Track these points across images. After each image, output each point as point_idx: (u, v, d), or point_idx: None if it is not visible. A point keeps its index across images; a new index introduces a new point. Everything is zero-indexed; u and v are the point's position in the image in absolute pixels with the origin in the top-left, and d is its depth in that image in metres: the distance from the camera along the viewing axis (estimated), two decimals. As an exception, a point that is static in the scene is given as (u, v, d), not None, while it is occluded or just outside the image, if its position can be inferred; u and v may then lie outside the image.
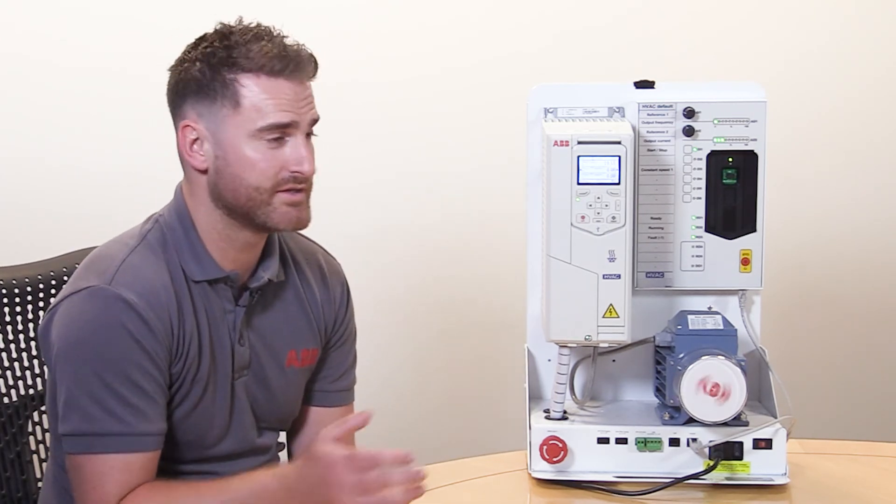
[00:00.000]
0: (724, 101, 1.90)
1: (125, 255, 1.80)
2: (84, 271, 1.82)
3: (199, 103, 1.79)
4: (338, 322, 2.00)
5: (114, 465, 1.75)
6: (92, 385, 1.75)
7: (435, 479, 1.87)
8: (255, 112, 1.77)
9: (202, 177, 1.81)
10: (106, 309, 1.76)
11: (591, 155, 1.79)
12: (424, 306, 3.04)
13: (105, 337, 1.75)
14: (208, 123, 1.79)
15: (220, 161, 1.79)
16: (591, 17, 2.99)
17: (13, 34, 2.91)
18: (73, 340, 1.76)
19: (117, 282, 1.76)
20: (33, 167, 2.93)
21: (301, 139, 1.80)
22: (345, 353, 2.04)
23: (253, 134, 1.78)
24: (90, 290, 1.77)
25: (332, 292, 1.99)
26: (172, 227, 1.84)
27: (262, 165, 1.78)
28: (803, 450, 1.96)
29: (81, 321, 1.76)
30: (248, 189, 1.79)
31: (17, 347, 2.07)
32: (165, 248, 1.82)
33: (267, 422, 1.95)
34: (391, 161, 3.00)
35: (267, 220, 1.81)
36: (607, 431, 1.86)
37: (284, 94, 1.78)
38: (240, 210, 1.80)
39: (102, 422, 1.74)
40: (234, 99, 1.77)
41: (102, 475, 1.75)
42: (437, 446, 2.98)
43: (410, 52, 2.98)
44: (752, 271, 1.92)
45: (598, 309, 1.80)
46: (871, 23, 3.01)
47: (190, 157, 1.81)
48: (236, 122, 1.78)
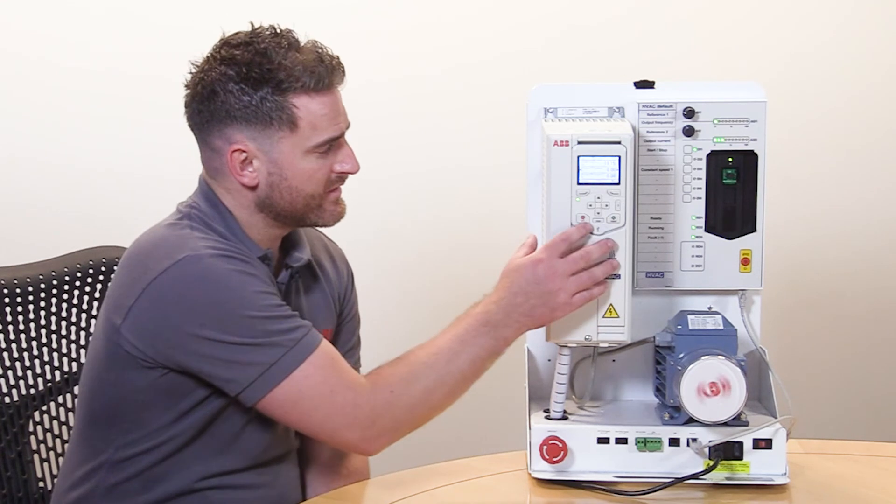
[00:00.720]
0: (724, 101, 1.90)
1: (183, 232, 1.82)
2: (148, 260, 1.80)
3: (251, 128, 1.82)
4: (345, 298, 2.06)
5: (317, 361, 1.77)
6: (249, 322, 1.75)
7: (435, 479, 1.87)
8: (311, 130, 1.83)
9: (250, 192, 1.85)
10: (212, 267, 1.77)
11: (591, 155, 1.79)
12: (424, 306, 3.04)
13: (231, 285, 1.76)
14: (261, 145, 1.83)
15: (274, 177, 1.84)
16: (591, 17, 2.99)
17: (12, 34, 2.91)
18: (203, 303, 1.76)
19: (200, 248, 1.78)
20: (33, 167, 2.93)
21: (344, 141, 1.89)
22: (351, 330, 2.08)
23: (309, 150, 1.84)
24: (183, 261, 1.77)
25: (340, 270, 2.06)
26: (208, 212, 1.86)
27: (318, 176, 1.85)
28: (803, 450, 1.96)
29: (193, 284, 1.76)
30: (305, 198, 1.85)
31: (19, 347, 2.08)
32: (209, 228, 1.85)
33: None
34: (391, 161, 3.00)
35: (318, 220, 1.89)
36: (607, 431, 1.85)
37: (332, 108, 1.85)
38: (294, 216, 1.87)
39: (283, 340, 1.75)
40: (291, 122, 1.82)
41: (327, 370, 1.77)
42: (437, 446, 2.98)
43: (410, 52, 2.98)
44: (752, 271, 1.92)
45: (598, 309, 1.80)
46: (871, 23, 3.01)
47: (240, 177, 1.84)
48: (293, 141, 1.83)
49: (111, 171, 2.93)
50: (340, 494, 1.94)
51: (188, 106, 1.87)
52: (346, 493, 1.95)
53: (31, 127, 2.93)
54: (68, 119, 2.92)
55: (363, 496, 1.94)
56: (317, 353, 1.77)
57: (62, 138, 2.93)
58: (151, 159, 2.88)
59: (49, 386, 2.11)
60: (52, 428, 2.12)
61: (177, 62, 1.95)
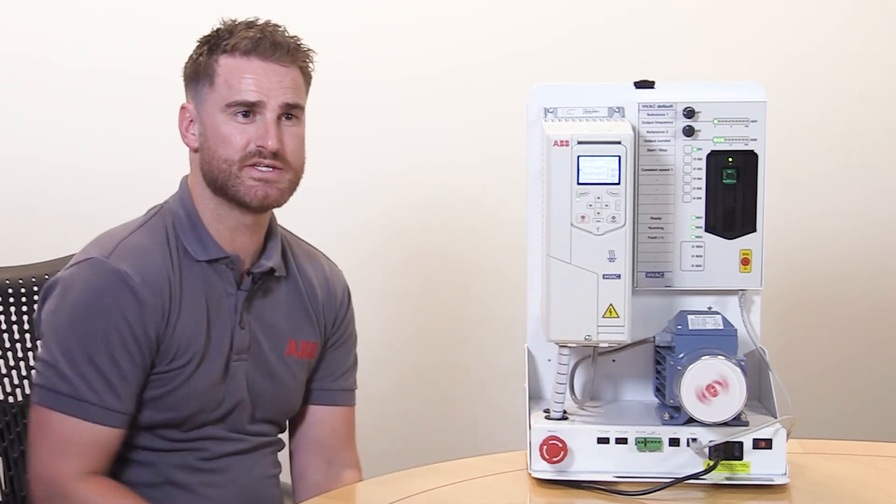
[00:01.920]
0: (724, 101, 1.90)
1: (126, 235, 1.89)
2: (86, 247, 1.90)
3: (190, 85, 1.93)
4: (338, 321, 2.04)
5: (80, 431, 1.82)
6: (74, 351, 1.82)
7: (435, 479, 1.87)
8: (227, 88, 1.87)
9: (196, 156, 1.93)
10: (101, 280, 1.84)
11: (591, 155, 1.78)
12: (424, 306, 3.04)
13: (96, 309, 1.83)
14: (196, 104, 1.91)
15: (202, 137, 1.90)
16: (591, 17, 2.99)
17: (13, 34, 2.91)
18: (66, 305, 1.83)
19: (116, 256, 1.85)
20: (33, 167, 2.93)
21: (270, 117, 1.88)
22: (345, 353, 2.06)
23: (223, 109, 1.88)
24: (89, 261, 1.85)
25: (334, 294, 2.05)
26: (175, 212, 1.93)
27: (231, 139, 1.87)
28: (803, 450, 1.96)
29: (76, 289, 1.84)
30: (220, 162, 1.88)
31: (24, 347, 2.08)
32: (167, 230, 1.91)
33: (265, 411, 1.97)
34: (391, 161, 3.00)
35: (236, 194, 1.89)
36: (607, 431, 1.85)
37: (254, 73, 1.87)
38: (217, 184, 1.89)
39: (77, 387, 1.81)
40: (210, 77, 1.88)
41: (66, 439, 1.82)
42: (437, 446, 2.98)
43: (410, 52, 2.98)
44: (752, 271, 1.92)
45: (598, 309, 1.80)
46: (871, 23, 3.01)
47: (185, 137, 1.93)
48: (212, 98, 1.88)
49: (111, 171, 2.93)
50: (340, 494, 1.94)
51: None
52: (346, 493, 1.95)
53: (30, 126, 2.93)
54: (68, 118, 2.92)
55: (363, 496, 1.94)
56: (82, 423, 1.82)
57: (62, 138, 2.93)
58: (151, 159, 2.88)
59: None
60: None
61: (177, 62, 1.96)
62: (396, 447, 2.94)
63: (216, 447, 1.93)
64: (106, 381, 1.82)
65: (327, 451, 2.06)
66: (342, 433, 2.07)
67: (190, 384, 1.88)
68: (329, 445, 2.06)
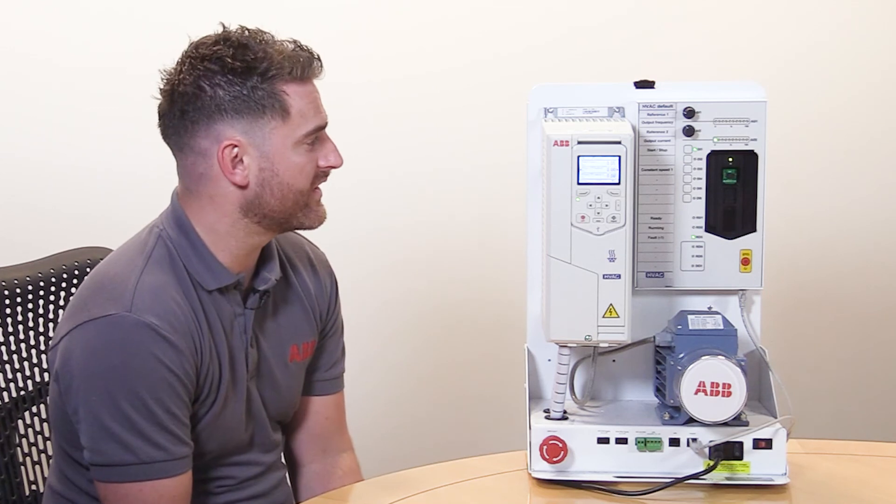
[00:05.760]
0: (724, 101, 1.90)
1: (137, 277, 1.77)
2: (95, 296, 1.77)
3: (242, 119, 1.76)
4: (330, 310, 2.03)
5: (161, 489, 1.76)
6: (126, 413, 1.73)
7: (435, 479, 1.87)
8: (301, 118, 1.78)
9: (238, 192, 1.79)
10: (132, 337, 1.73)
11: (591, 155, 1.78)
12: (424, 306, 3.04)
13: (136, 365, 1.73)
14: (252, 138, 1.77)
15: (265, 173, 1.78)
16: (591, 17, 2.99)
17: (13, 33, 2.91)
18: (101, 369, 1.73)
19: (137, 307, 1.73)
20: (33, 167, 2.93)
21: (327, 135, 1.84)
22: (336, 341, 2.06)
23: (300, 140, 1.79)
24: (111, 318, 1.73)
25: (322, 281, 2.01)
26: (176, 239, 1.82)
27: (307, 170, 1.80)
28: (803, 450, 1.96)
29: (107, 350, 1.73)
30: (295, 195, 1.80)
31: (8, 350, 2.05)
32: (173, 261, 1.80)
33: (273, 417, 1.96)
34: (390, 161, 3.00)
35: (304, 222, 1.84)
36: (607, 431, 1.85)
37: (315, 98, 1.81)
38: (282, 216, 1.81)
39: (142, 451, 1.74)
40: (283, 110, 1.77)
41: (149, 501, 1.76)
42: (437, 446, 2.99)
43: (410, 52, 2.98)
44: (752, 271, 1.92)
45: (598, 309, 1.80)
46: (871, 23, 3.01)
47: (231, 175, 1.78)
48: (284, 132, 1.78)
49: (111, 171, 2.93)
50: (340, 494, 1.94)
51: (166, 113, 1.82)
52: (346, 493, 1.95)
53: (30, 126, 2.93)
54: (68, 118, 2.92)
55: (363, 496, 1.94)
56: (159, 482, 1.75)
57: (62, 138, 2.93)
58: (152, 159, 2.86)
59: (39, 388, 2.09)
60: (43, 430, 2.10)
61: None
62: (396, 447, 2.94)
63: (241, 472, 1.92)
64: (170, 434, 1.75)
65: (323, 440, 2.05)
66: (335, 419, 2.06)
67: (225, 413, 1.84)
68: (324, 434, 2.05)
